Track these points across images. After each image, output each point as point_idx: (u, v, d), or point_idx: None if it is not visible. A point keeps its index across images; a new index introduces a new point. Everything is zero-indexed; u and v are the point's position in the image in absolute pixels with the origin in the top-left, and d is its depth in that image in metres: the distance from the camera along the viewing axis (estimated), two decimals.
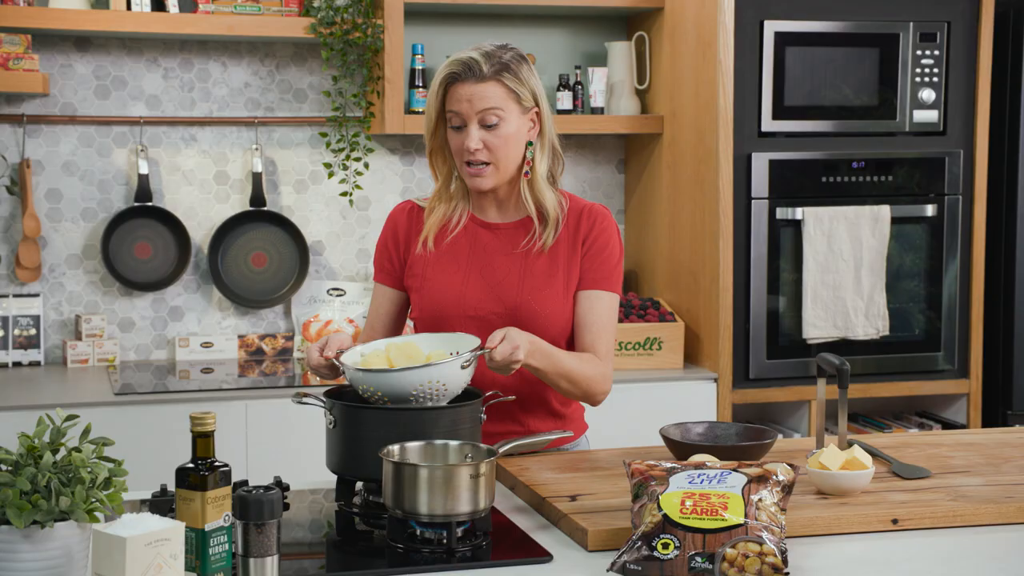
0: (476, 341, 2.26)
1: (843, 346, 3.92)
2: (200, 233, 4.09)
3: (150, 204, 4.00)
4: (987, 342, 4.15)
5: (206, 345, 4.05)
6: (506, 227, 2.49)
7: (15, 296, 3.93)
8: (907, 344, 4.03)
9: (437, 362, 2.13)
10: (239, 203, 4.11)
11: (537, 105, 2.42)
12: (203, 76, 4.06)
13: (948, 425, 4.15)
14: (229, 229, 4.08)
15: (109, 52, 3.98)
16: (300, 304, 4.16)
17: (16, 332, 3.91)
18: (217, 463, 1.67)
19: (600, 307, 2.44)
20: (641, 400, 3.77)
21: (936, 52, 3.97)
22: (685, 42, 3.99)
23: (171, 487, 2.09)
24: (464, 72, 2.37)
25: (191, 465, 1.67)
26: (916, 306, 4.03)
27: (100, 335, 3.95)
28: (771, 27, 3.84)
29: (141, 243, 4.02)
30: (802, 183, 3.90)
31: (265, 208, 4.09)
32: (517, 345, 2.22)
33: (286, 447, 3.52)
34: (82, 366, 3.92)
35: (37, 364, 3.93)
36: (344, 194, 4.10)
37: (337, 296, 4.16)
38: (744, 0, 3.80)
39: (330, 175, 4.09)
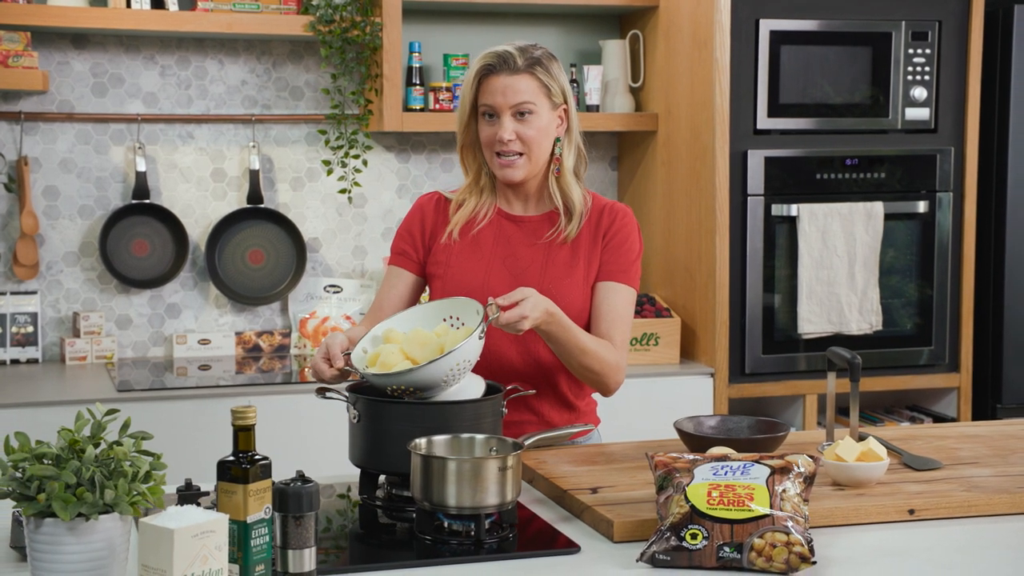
0: (474, 305, 2.27)
1: (837, 341, 3.96)
2: (197, 230, 4.09)
3: (147, 201, 4.00)
4: (977, 336, 4.21)
5: (203, 342, 4.06)
6: (531, 220, 2.53)
7: (12, 293, 3.92)
8: (899, 339, 4.09)
9: (457, 347, 2.15)
10: (236, 200, 4.12)
11: (566, 102, 2.47)
12: (200, 74, 4.07)
13: (939, 419, 4.21)
14: (226, 226, 4.09)
15: (106, 49, 3.98)
16: (297, 301, 4.17)
17: (14, 329, 3.90)
18: (257, 456, 1.69)
19: (616, 299, 2.48)
20: (638, 395, 3.80)
21: (927, 51, 4.02)
22: (680, 40, 4.02)
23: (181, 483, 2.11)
24: (499, 64, 2.42)
25: (232, 458, 1.69)
26: (908, 301, 4.09)
27: (98, 332, 3.95)
28: (766, 26, 3.88)
29: (138, 240, 4.02)
30: (797, 180, 3.94)
31: (262, 205, 4.10)
32: (525, 316, 2.24)
33: (285, 443, 3.53)
34: (80, 363, 3.92)
35: (35, 361, 3.93)
36: (343, 191, 4.12)
37: (334, 293, 4.17)
38: None
39: (329, 172, 4.11)
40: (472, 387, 2.25)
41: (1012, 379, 4.19)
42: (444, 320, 2.31)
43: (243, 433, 1.69)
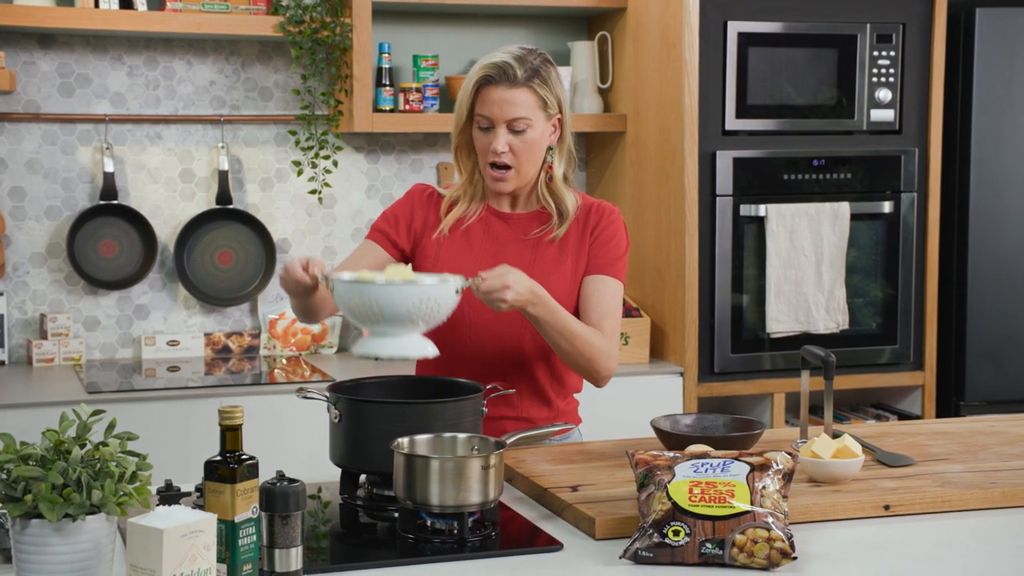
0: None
1: (804, 340, 4.00)
2: (166, 231, 4.08)
3: (115, 202, 3.98)
4: (941, 335, 4.27)
5: (172, 343, 4.04)
6: (519, 217, 2.56)
7: None
8: (864, 338, 4.13)
9: (431, 282, 2.15)
10: (205, 201, 4.11)
11: (561, 112, 2.48)
12: (168, 74, 4.05)
13: (904, 416, 4.26)
14: (195, 227, 4.08)
15: (73, 49, 3.96)
16: (266, 302, 4.16)
17: None
18: (245, 456, 1.70)
19: (605, 290, 2.51)
20: (609, 394, 3.79)
21: (892, 53, 4.07)
22: (649, 42, 4.05)
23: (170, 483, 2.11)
24: (499, 76, 2.43)
25: (219, 458, 1.69)
26: (873, 300, 4.14)
27: (66, 334, 3.93)
28: (734, 28, 3.91)
29: (106, 241, 4.00)
30: (764, 181, 3.98)
31: (231, 206, 4.09)
32: (508, 285, 2.25)
33: (255, 444, 3.49)
34: (47, 365, 3.89)
35: (1, 364, 3.90)
36: (313, 192, 4.11)
37: None
38: (708, 1, 3.87)
39: (299, 173, 4.10)
40: (424, 346, 2.21)
41: (975, 377, 4.25)
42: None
43: (230, 433, 1.69)
